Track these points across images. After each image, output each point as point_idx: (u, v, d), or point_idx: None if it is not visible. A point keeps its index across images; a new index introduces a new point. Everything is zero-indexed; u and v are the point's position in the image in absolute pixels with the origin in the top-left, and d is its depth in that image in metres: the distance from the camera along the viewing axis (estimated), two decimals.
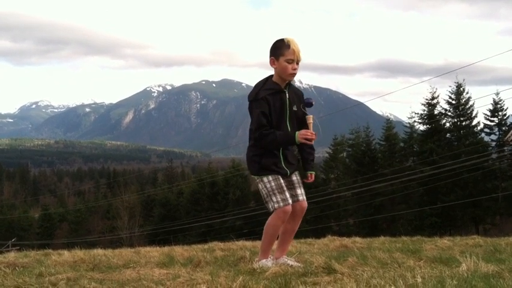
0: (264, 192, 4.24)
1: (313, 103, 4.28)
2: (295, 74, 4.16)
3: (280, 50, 4.13)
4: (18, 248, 34.56)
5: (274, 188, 4.18)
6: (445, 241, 7.64)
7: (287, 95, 4.20)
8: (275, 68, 4.18)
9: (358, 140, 42.62)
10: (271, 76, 4.23)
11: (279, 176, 4.23)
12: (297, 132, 4.09)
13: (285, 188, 4.21)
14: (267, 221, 4.28)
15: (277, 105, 4.14)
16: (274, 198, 4.16)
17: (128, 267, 4.56)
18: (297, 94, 4.33)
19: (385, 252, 4.96)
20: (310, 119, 4.22)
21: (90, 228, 59.77)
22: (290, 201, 4.18)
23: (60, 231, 62.53)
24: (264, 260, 4.25)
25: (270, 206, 4.19)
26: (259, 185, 4.28)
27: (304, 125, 4.27)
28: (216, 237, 30.33)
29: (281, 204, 4.14)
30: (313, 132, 4.12)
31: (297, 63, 4.15)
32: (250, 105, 4.19)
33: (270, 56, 4.19)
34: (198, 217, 45.29)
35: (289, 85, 4.26)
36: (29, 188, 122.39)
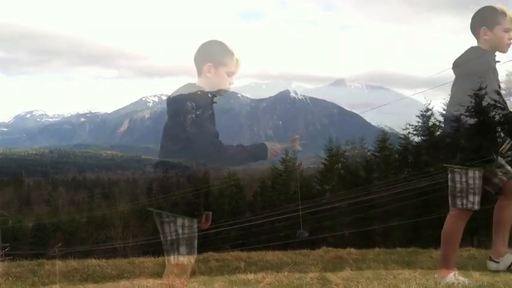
0: (459, 186, 3.79)
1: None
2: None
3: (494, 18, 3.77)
4: (11, 257, 34.27)
5: (476, 187, 3.77)
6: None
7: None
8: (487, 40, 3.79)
9: (353, 151, 42.64)
10: None
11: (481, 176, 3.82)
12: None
13: (480, 191, 3.80)
14: (445, 228, 3.86)
15: None
16: (470, 198, 3.76)
17: (122, 277, 4.55)
18: None
19: (380, 264, 4.96)
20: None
21: (84, 238, 59.37)
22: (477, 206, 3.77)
23: (54, 241, 62.09)
24: (452, 275, 3.71)
25: (459, 203, 3.79)
26: (457, 176, 3.82)
27: None
28: (211, 247, 30.18)
29: (469, 206, 3.76)
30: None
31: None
32: None
33: (478, 27, 3.81)
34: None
35: None
36: (23, 197, 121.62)
